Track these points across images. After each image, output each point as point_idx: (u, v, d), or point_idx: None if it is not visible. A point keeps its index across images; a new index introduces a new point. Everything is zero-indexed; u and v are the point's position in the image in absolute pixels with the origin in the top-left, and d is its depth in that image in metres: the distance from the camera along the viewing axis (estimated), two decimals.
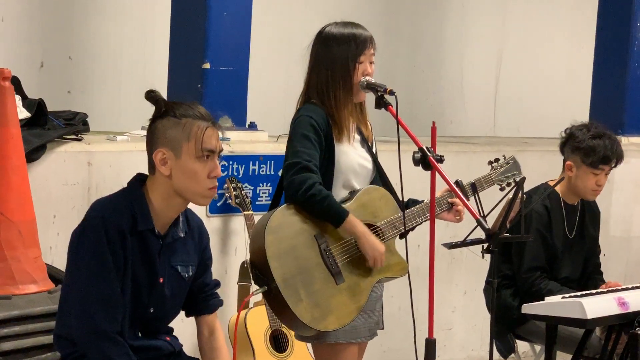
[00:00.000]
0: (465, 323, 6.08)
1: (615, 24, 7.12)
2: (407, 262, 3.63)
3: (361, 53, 3.60)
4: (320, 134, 3.53)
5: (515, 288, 4.61)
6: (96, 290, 2.96)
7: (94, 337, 2.96)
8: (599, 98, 7.18)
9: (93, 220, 3.00)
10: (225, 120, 4.90)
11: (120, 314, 3.01)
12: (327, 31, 3.65)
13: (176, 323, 3.31)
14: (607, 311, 4.00)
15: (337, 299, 3.46)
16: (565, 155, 4.70)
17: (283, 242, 3.42)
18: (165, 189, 3.06)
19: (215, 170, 3.05)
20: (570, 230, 4.70)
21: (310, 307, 3.40)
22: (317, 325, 3.41)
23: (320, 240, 3.48)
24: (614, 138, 4.69)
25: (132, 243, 3.02)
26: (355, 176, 3.64)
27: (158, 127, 3.06)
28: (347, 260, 3.51)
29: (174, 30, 5.03)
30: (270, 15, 6.46)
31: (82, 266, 2.99)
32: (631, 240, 7.10)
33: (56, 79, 5.67)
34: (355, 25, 3.67)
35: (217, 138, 3.08)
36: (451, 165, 3.81)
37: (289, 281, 3.38)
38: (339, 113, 3.59)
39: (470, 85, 8.02)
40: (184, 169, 3.02)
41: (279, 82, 6.39)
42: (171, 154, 3.02)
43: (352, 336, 3.58)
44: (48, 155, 4.20)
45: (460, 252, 5.86)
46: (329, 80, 3.60)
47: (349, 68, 3.58)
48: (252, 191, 4.89)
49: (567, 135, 4.70)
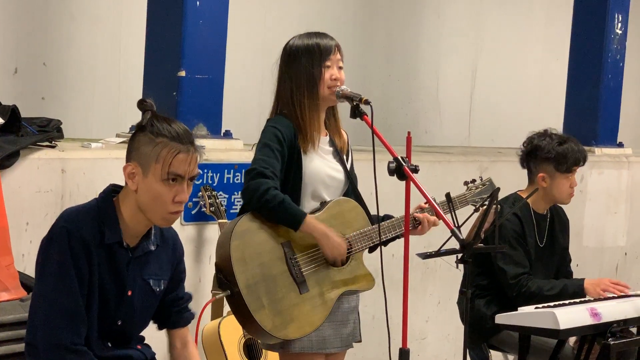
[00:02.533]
0: (439, 333, 6.09)
1: (589, 36, 7.18)
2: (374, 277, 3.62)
3: (326, 59, 3.59)
4: (283, 144, 3.52)
5: (489, 298, 4.63)
6: (59, 302, 2.94)
7: (56, 349, 2.94)
8: (573, 109, 7.23)
9: (59, 230, 2.97)
10: (200, 128, 4.89)
11: (84, 327, 2.98)
12: (291, 44, 3.65)
13: (149, 332, 3.29)
14: (579, 322, 4.02)
15: (300, 308, 3.46)
16: (533, 167, 4.71)
17: (249, 248, 3.41)
18: (133, 202, 3.03)
19: (180, 195, 2.98)
20: (540, 239, 4.73)
21: (271, 315, 3.39)
22: (277, 333, 3.41)
23: (287, 248, 3.47)
24: (574, 139, 4.73)
25: (98, 255, 2.99)
26: (325, 187, 3.63)
27: (136, 140, 3.03)
28: (313, 270, 3.51)
29: (149, 37, 5.02)
30: (246, 23, 6.46)
31: (47, 277, 2.97)
32: (604, 250, 7.15)
33: (30, 85, 5.64)
34: (319, 34, 3.66)
35: (190, 163, 2.99)
36: (426, 175, 3.82)
37: (252, 287, 3.38)
38: (306, 122, 3.58)
39: (445, 96, 8.05)
40: (148, 188, 2.98)
41: (254, 91, 6.39)
42: (139, 170, 2.99)
43: (319, 347, 3.57)
44: (21, 162, 4.17)
45: (434, 262, 5.87)
46: (293, 90, 3.59)
47: (314, 75, 3.58)
48: (226, 199, 4.88)
49: (531, 147, 4.71)
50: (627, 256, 7.34)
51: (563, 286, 4.55)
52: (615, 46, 7.18)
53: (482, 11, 8.29)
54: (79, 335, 2.96)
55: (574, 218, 5.01)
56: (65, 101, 5.79)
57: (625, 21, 7.22)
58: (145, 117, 3.03)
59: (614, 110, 7.29)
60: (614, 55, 7.19)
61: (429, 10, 7.89)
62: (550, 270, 4.78)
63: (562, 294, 4.45)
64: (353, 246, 3.59)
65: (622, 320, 4.14)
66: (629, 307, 4.24)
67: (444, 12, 8.00)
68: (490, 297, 4.63)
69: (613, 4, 7.13)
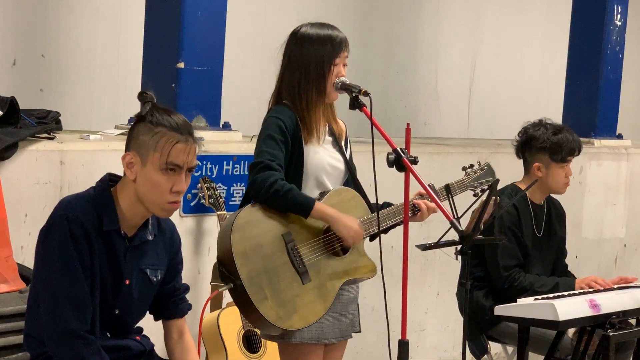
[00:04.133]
0: (438, 324, 6.09)
1: (589, 28, 7.17)
2: (376, 265, 3.62)
3: (337, 55, 3.58)
4: (287, 135, 3.51)
5: (487, 289, 4.63)
6: (64, 289, 2.94)
7: (64, 336, 2.94)
8: (572, 101, 7.23)
9: (58, 219, 2.98)
10: (199, 120, 4.89)
11: (89, 313, 2.99)
12: (303, 32, 3.61)
13: (146, 323, 3.29)
14: (579, 313, 4.03)
15: (303, 298, 3.45)
16: (528, 157, 4.71)
17: (250, 240, 3.41)
18: (132, 192, 3.04)
19: (178, 185, 2.99)
20: (538, 229, 4.73)
21: (275, 306, 3.39)
22: (282, 324, 3.40)
23: (288, 239, 3.47)
24: (569, 128, 4.73)
25: (97, 243, 3.00)
26: (327, 176, 3.64)
27: (135, 129, 3.04)
28: (315, 260, 3.51)
29: (148, 28, 5.01)
30: (245, 14, 6.45)
31: (50, 265, 2.97)
32: (603, 242, 7.15)
33: (29, 77, 5.63)
34: (331, 26, 3.64)
35: (189, 153, 3.00)
36: (425, 166, 3.82)
37: (255, 279, 3.37)
38: (309, 115, 3.58)
39: (445, 87, 8.05)
40: (147, 177, 2.99)
41: (253, 82, 6.38)
42: (138, 160, 3.00)
43: (319, 337, 3.57)
44: (20, 154, 4.17)
45: (433, 254, 5.87)
46: (301, 81, 3.57)
47: (324, 70, 3.57)
48: (225, 191, 4.88)
49: (526, 138, 4.71)
50: (626, 248, 7.34)
51: (555, 284, 4.56)
52: (615, 38, 7.17)
53: (482, 3, 8.28)
54: (85, 321, 2.97)
55: (573, 210, 5.01)
56: (64, 93, 5.78)
57: (624, 13, 7.21)
58: (145, 108, 3.04)
59: (613, 102, 7.29)
60: (613, 47, 7.18)
61: (428, 2, 7.88)
62: (548, 260, 4.78)
63: (554, 292, 4.46)
64: None
65: (621, 311, 4.14)
66: (628, 298, 4.24)
67: (444, 4, 7.99)
68: (489, 288, 4.63)
69: None
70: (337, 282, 3.56)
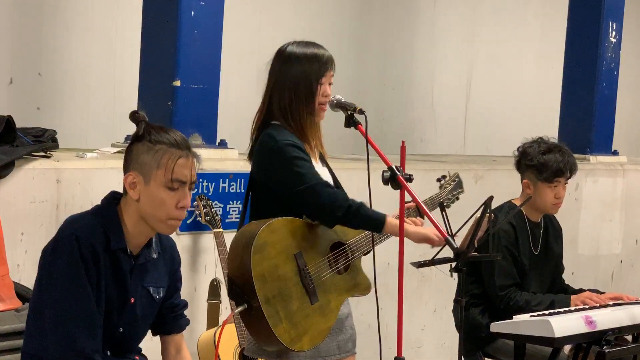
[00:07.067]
0: (434, 341, 6.09)
1: (584, 44, 7.20)
2: (372, 281, 3.62)
3: (323, 74, 3.57)
4: (305, 152, 3.52)
5: (484, 306, 4.63)
6: (74, 309, 2.92)
7: (73, 355, 2.91)
8: (568, 117, 7.25)
9: (66, 238, 2.96)
10: (196, 138, 4.89)
11: (100, 332, 2.98)
12: (290, 50, 3.60)
13: (144, 342, 3.29)
14: (574, 330, 4.02)
15: (311, 318, 3.45)
16: (520, 173, 4.74)
17: (268, 261, 3.38)
18: (135, 212, 3.04)
19: (183, 201, 3.01)
20: (535, 247, 4.73)
21: (288, 328, 3.37)
22: (293, 346, 3.39)
23: (299, 259, 3.45)
24: (565, 150, 4.71)
25: (104, 261, 2.99)
26: None
27: (134, 150, 3.04)
28: (322, 279, 3.50)
29: (145, 47, 5.02)
30: (241, 32, 6.47)
31: (56, 284, 2.95)
32: (599, 258, 7.16)
33: (25, 96, 5.64)
34: (317, 45, 3.63)
35: (190, 168, 3.02)
36: (420, 183, 3.82)
37: (271, 301, 3.35)
38: (304, 133, 3.58)
39: (441, 104, 8.07)
40: (151, 195, 3.00)
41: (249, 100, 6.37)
42: (141, 179, 3.00)
43: (312, 355, 3.55)
44: (16, 172, 4.17)
45: (430, 271, 5.87)
46: (292, 100, 3.56)
47: (312, 88, 3.56)
48: (222, 209, 4.88)
49: (520, 153, 4.73)
50: (622, 264, 7.35)
51: (551, 302, 4.56)
52: (610, 54, 7.20)
53: (477, 20, 8.31)
54: (96, 338, 2.95)
55: (569, 226, 5.02)
56: (60, 111, 5.79)
57: (619, 29, 7.25)
58: (140, 128, 3.04)
59: (608, 119, 7.31)
60: (608, 63, 7.21)
61: (423, 18, 7.92)
62: (545, 278, 4.78)
63: (550, 309, 4.46)
64: (354, 252, 3.60)
65: (617, 328, 4.14)
66: (624, 315, 4.24)
67: (439, 21, 8.02)
68: (485, 305, 4.63)
69: (607, 13, 7.15)
70: (339, 300, 3.56)
